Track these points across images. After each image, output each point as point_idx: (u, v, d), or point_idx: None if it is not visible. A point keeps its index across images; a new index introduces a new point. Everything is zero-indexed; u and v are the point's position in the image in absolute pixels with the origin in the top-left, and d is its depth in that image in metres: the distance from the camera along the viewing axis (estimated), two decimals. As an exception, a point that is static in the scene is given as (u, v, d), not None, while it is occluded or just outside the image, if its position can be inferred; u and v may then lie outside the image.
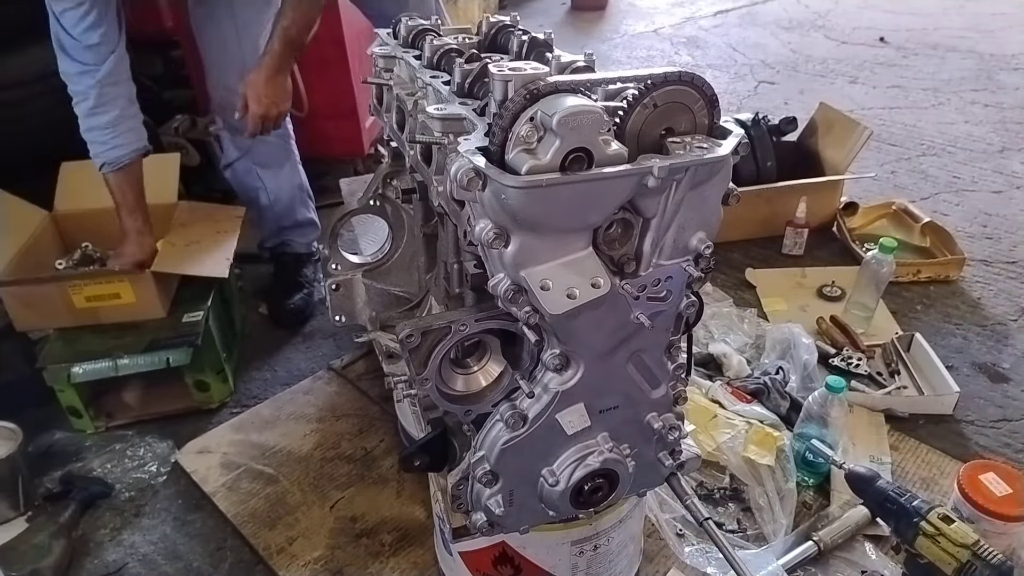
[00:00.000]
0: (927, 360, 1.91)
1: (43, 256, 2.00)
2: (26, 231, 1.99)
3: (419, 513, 1.56)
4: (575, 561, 1.21)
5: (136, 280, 1.82)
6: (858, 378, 1.91)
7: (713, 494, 1.59)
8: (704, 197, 0.89)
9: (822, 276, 2.35)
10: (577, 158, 0.79)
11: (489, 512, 1.03)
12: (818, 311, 2.18)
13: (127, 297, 1.83)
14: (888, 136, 3.49)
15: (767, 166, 2.58)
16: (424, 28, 1.44)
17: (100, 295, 1.81)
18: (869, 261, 2.07)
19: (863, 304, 2.10)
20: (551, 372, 0.96)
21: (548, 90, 0.81)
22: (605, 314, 0.91)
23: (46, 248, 2.04)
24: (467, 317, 0.99)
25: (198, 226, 2.04)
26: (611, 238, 0.89)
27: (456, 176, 0.79)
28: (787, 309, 2.23)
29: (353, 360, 2.06)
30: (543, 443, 1.01)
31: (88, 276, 1.84)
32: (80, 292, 1.80)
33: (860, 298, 2.11)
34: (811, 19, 5.62)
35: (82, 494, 1.63)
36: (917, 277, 2.33)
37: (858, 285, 2.12)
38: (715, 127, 0.89)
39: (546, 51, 1.16)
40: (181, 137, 2.81)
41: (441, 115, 0.99)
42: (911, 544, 1.34)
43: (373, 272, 1.87)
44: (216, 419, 1.89)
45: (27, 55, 2.23)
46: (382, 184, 1.76)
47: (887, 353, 2.00)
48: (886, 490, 1.42)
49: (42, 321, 1.84)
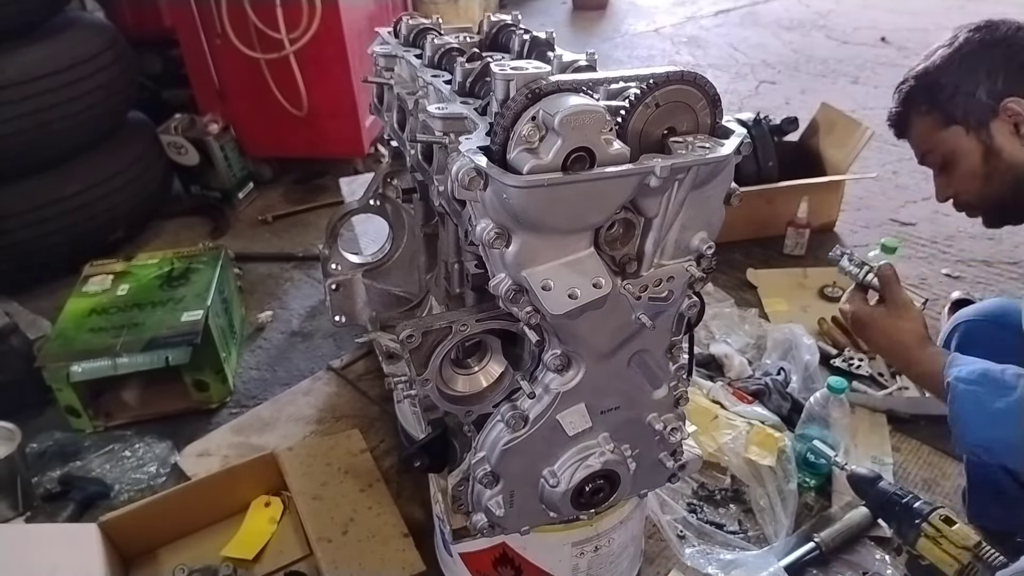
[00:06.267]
0: None
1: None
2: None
3: (419, 514, 1.55)
4: (576, 562, 1.21)
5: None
6: (859, 379, 1.90)
7: (714, 495, 1.59)
8: (706, 197, 0.89)
9: (823, 276, 2.33)
10: (579, 158, 0.79)
11: (490, 513, 1.03)
12: (819, 312, 2.16)
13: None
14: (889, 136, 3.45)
15: (768, 166, 2.57)
16: (425, 27, 1.43)
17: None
18: (872, 260, 2.05)
19: None
20: (552, 372, 0.96)
21: (550, 89, 0.81)
22: (606, 314, 0.91)
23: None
24: (468, 317, 0.98)
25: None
26: (613, 238, 0.89)
27: (457, 176, 0.79)
28: (788, 309, 2.22)
29: (353, 360, 2.06)
30: (544, 444, 1.00)
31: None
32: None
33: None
34: (812, 19, 5.61)
35: (81, 494, 1.62)
36: None
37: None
38: (717, 127, 0.89)
39: (547, 50, 1.16)
40: (180, 136, 2.80)
41: (442, 114, 0.98)
42: (912, 545, 1.34)
43: (373, 272, 1.86)
44: (215, 419, 1.88)
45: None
46: (382, 183, 1.76)
47: None
48: (888, 491, 1.41)
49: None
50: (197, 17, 2.72)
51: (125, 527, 1.44)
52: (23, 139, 2.20)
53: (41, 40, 2.28)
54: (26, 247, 2.31)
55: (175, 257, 2.14)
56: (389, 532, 1.48)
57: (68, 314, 1.90)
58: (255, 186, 3.08)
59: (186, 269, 2.07)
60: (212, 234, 2.77)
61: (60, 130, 2.29)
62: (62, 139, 2.32)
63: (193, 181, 2.96)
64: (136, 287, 2.01)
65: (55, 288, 2.28)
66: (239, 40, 2.65)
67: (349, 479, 1.61)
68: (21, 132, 2.19)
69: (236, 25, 2.64)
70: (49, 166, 2.33)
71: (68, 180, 2.36)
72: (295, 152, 3.07)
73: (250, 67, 2.73)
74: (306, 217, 2.89)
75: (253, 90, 2.79)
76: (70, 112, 2.30)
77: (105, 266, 2.11)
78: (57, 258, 2.37)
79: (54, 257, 2.37)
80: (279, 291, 2.43)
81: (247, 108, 2.89)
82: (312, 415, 1.88)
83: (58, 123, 2.28)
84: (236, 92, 2.88)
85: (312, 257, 2.55)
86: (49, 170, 2.33)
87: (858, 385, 1.87)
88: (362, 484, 1.60)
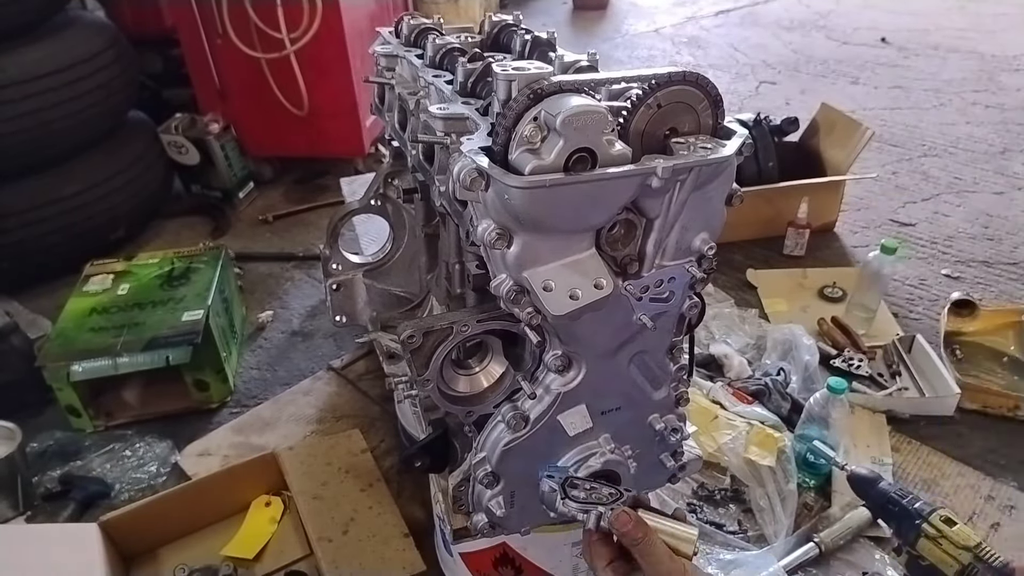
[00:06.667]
0: (928, 361, 1.89)
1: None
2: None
3: (419, 514, 1.55)
4: (576, 562, 1.21)
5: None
6: (859, 379, 1.90)
7: (714, 495, 1.59)
8: (708, 198, 0.89)
9: (823, 277, 2.34)
10: (581, 158, 0.79)
11: (490, 513, 1.03)
12: (819, 312, 2.17)
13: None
14: (889, 137, 3.48)
15: (769, 166, 2.57)
16: (426, 27, 1.43)
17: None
18: (870, 261, 2.06)
19: (864, 305, 2.08)
20: (553, 373, 0.96)
21: (552, 90, 0.81)
22: (608, 315, 0.91)
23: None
24: (469, 318, 0.98)
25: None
26: (614, 239, 0.89)
27: (459, 176, 0.79)
28: (788, 310, 2.22)
29: (353, 360, 2.06)
30: (545, 444, 1.00)
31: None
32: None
33: (861, 299, 2.09)
34: (812, 19, 5.61)
35: (81, 494, 1.62)
36: (1014, 413, 1.80)
37: (859, 286, 2.10)
38: (719, 127, 0.89)
39: (549, 50, 1.16)
40: (181, 135, 2.80)
41: (444, 114, 0.98)
42: (912, 546, 1.34)
43: (374, 272, 1.86)
44: (216, 419, 1.88)
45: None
46: (383, 184, 1.76)
47: (888, 354, 1.98)
48: (888, 492, 1.41)
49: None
50: (198, 16, 2.72)
51: (125, 527, 1.44)
52: (24, 138, 2.20)
53: (42, 39, 2.28)
54: (27, 246, 2.31)
55: (176, 257, 2.14)
56: (389, 532, 1.48)
57: (69, 313, 1.90)
58: (256, 186, 3.08)
59: (187, 269, 2.07)
60: (213, 234, 2.77)
61: (61, 129, 2.29)
62: (63, 138, 2.33)
63: (194, 181, 2.96)
64: (137, 287, 2.01)
65: (56, 287, 2.28)
66: (240, 40, 2.65)
67: (350, 479, 1.61)
68: (22, 131, 2.19)
69: (237, 24, 2.64)
70: (50, 165, 2.33)
71: (69, 179, 2.36)
72: (296, 152, 3.07)
73: (251, 67, 2.73)
74: (307, 217, 2.89)
75: (254, 90, 2.79)
76: (71, 111, 2.30)
77: (106, 265, 2.11)
78: (58, 257, 2.37)
79: (55, 256, 2.37)
80: (280, 291, 2.44)
81: (248, 108, 2.89)
82: (312, 415, 1.88)
83: (59, 122, 2.28)
84: (237, 92, 2.88)
85: (313, 257, 2.55)
86: (50, 169, 2.33)
87: (858, 386, 1.87)
88: (363, 484, 1.60)
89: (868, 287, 2.08)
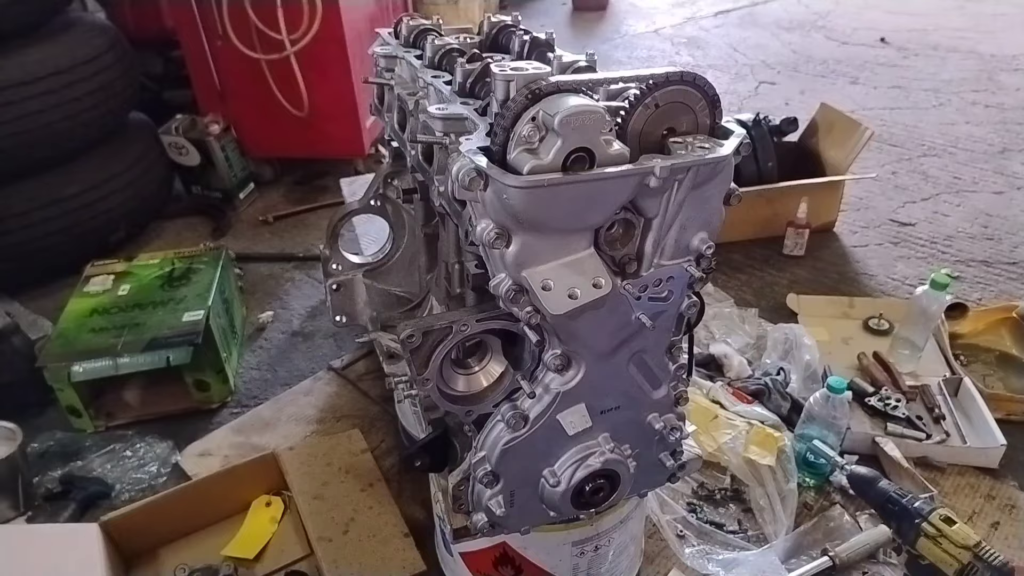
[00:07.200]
0: (974, 407, 1.73)
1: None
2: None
3: (419, 513, 1.56)
4: (576, 562, 1.21)
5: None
6: (895, 420, 1.74)
7: (714, 495, 1.59)
8: (706, 197, 0.89)
9: (870, 307, 2.17)
10: (579, 158, 0.79)
11: (490, 513, 1.03)
12: (862, 345, 2.00)
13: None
14: (889, 136, 3.49)
15: (768, 166, 2.57)
16: (425, 28, 1.44)
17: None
18: (919, 297, 1.88)
19: (910, 341, 1.91)
20: (552, 372, 0.96)
21: (550, 90, 0.81)
22: (607, 314, 0.91)
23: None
24: (468, 317, 0.98)
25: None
26: (612, 238, 0.89)
27: (458, 176, 0.79)
28: (829, 340, 2.04)
29: (353, 360, 2.06)
30: (544, 444, 1.00)
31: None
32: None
33: (908, 335, 1.91)
34: (812, 19, 5.61)
35: (82, 494, 1.62)
36: (1008, 416, 1.77)
37: (906, 321, 1.92)
38: (717, 127, 0.89)
39: (547, 51, 1.16)
40: (181, 136, 2.81)
41: (443, 115, 0.99)
42: (912, 545, 1.34)
43: (374, 272, 1.87)
44: (216, 419, 1.88)
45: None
46: (383, 184, 1.77)
47: (929, 396, 1.81)
48: (888, 491, 1.41)
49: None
50: (198, 18, 2.73)
51: (126, 527, 1.44)
52: (25, 139, 2.21)
53: (42, 41, 2.29)
54: (27, 247, 2.31)
55: (176, 257, 2.14)
56: (390, 532, 1.48)
57: (69, 314, 1.91)
58: (256, 186, 3.08)
59: (187, 269, 2.08)
60: (213, 234, 2.77)
61: (61, 130, 2.30)
62: (64, 139, 2.33)
63: (194, 181, 2.97)
64: (137, 287, 2.02)
65: (56, 288, 2.28)
66: (240, 41, 2.66)
67: (350, 479, 1.61)
68: (23, 132, 2.19)
69: (237, 26, 2.64)
70: (50, 166, 2.33)
71: (69, 180, 2.37)
72: (296, 152, 3.08)
73: (251, 68, 2.73)
74: (307, 217, 2.90)
75: (254, 91, 2.80)
76: (71, 113, 2.30)
77: (106, 266, 2.11)
78: (58, 258, 2.37)
79: (55, 257, 2.37)
80: (280, 291, 2.44)
81: (248, 109, 2.90)
82: (313, 415, 1.88)
83: (59, 123, 2.28)
84: (237, 93, 2.88)
85: (313, 257, 2.55)
86: (50, 170, 2.33)
87: (893, 428, 1.72)
88: (363, 484, 1.60)
89: (915, 323, 1.90)
